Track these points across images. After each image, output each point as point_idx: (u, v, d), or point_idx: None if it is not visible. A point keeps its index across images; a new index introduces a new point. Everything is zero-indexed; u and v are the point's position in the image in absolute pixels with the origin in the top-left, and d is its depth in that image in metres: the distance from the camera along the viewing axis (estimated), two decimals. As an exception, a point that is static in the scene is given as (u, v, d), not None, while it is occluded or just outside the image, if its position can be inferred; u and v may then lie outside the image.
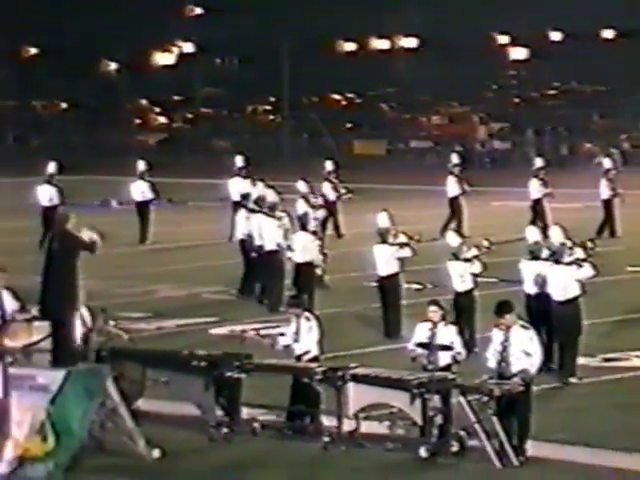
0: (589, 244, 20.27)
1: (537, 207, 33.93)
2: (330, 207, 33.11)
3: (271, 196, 27.96)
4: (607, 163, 35.45)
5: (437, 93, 73.02)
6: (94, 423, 16.36)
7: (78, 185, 44.31)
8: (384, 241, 22.94)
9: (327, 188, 34.60)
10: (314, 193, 30.89)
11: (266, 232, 25.47)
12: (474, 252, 21.31)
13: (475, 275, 21.14)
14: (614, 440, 16.37)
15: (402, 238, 22.88)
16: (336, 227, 34.60)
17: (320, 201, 30.21)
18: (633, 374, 20.15)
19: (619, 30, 72.11)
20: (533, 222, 31.94)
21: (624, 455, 15.92)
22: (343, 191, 34.74)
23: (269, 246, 25.30)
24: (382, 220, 23.58)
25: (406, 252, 22.67)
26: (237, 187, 32.64)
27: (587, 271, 19.63)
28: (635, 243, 30.59)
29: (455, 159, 36.49)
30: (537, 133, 59.39)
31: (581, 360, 20.15)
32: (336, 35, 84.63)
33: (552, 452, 16.09)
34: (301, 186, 30.69)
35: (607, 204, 33.79)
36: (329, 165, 35.64)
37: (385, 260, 22.73)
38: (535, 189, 34.23)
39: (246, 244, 26.34)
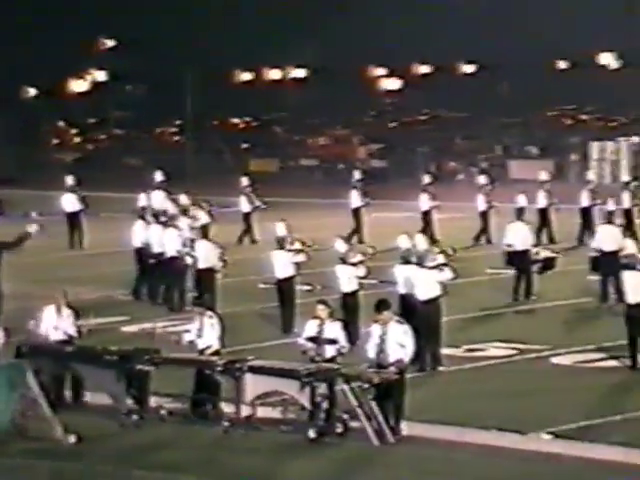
0: (449, 251, 20.57)
1: (426, 218, 34.08)
2: (246, 217, 33.29)
3: (171, 208, 28.11)
4: (482, 179, 35.67)
5: (323, 118, 73.42)
6: (16, 412, 16.31)
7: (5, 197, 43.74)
8: (281, 247, 23.10)
9: (243, 201, 34.61)
10: (198, 205, 30.90)
11: (167, 240, 25.45)
12: (359, 257, 21.51)
13: (360, 278, 21.37)
14: (477, 420, 16.60)
15: (297, 245, 23.06)
16: (248, 234, 34.56)
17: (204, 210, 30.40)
18: (491, 362, 20.41)
19: (479, 63, 73.37)
20: (423, 231, 32.14)
21: (486, 433, 16.14)
22: (258, 203, 34.73)
23: (170, 253, 25.28)
24: (280, 229, 23.78)
25: (301, 257, 22.84)
26: (158, 199, 32.66)
27: (447, 274, 19.90)
28: (495, 248, 30.79)
29: (357, 175, 36.45)
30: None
31: (447, 351, 20.40)
32: (236, 65, 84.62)
33: (424, 431, 16.27)
34: (183, 199, 30.69)
35: (483, 215, 34.04)
36: (245, 180, 35.59)
37: (282, 265, 22.83)
38: (424, 202, 34.35)
39: (143, 252, 26.19)
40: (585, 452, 15.39)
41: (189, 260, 24.71)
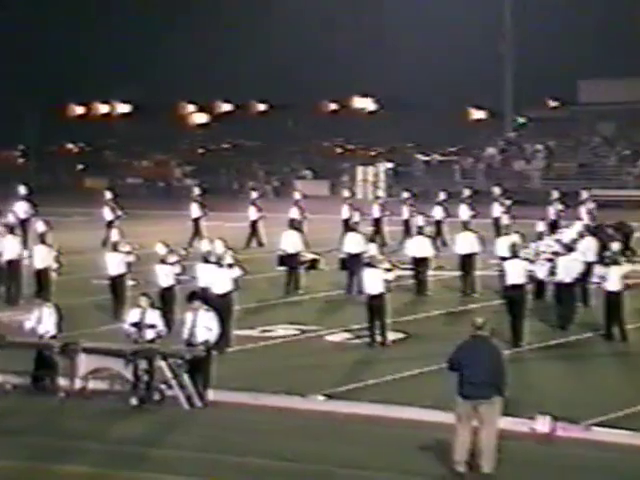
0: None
1: (254, 225, 33.41)
2: (109, 225, 31.93)
3: (11, 219, 27.48)
4: (254, 194, 35.47)
5: (146, 145, 72.80)
6: None
7: None
8: (115, 250, 22.71)
9: (106, 210, 33.55)
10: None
11: (7, 246, 24.71)
12: (175, 258, 21.30)
13: (177, 274, 21.04)
14: (269, 386, 16.58)
15: (127, 247, 22.74)
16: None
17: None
18: (280, 340, 20.51)
19: (270, 103, 74.03)
20: (250, 239, 32.34)
21: (275, 397, 16.15)
22: (119, 213, 33.74)
23: (10, 257, 24.51)
24: (114, 235, 23.47)
25: (131, 258, 22.45)
26: (22, 209, 31.86)
27: (236, 272, 19.78)
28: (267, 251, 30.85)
29: (197, 191, 35.74)
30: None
31: (245, 332, 20.44)
32: (71, 100, 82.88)
33: (226, 397, 16.20)
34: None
35: (254, 223, 33.54)
36: (108, 194, 34.51)
37: (116, 264, 22.39)
38: (252, 213, 33.71)
39: None
40: (351, 409, 15.59)
41: (27, 262, 24.16)
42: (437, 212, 32.20)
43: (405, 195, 34.10)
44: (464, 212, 31.41)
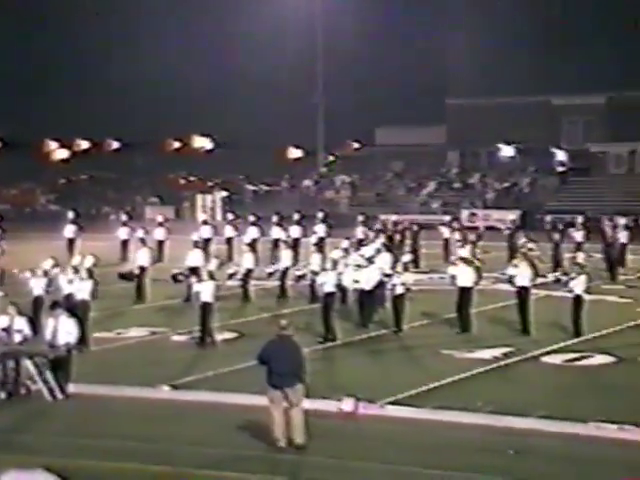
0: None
1: (125, 244, 31.71)
2: None
3: None
4: (123, 216, 34.68)
5: (13, 175, 69.60)
6: None
7: None
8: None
9: None
10: None
11: None
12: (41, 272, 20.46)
13: (47, 285, 19.94)
14: (127, 380, 16.26)
15: None
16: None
17: None
18: (133, 341, 19.99)
19: (122, 141, 72.65)
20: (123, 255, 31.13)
21: (130, 388, 15.85)
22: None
23: None
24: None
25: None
26: None
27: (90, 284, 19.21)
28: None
29: (71, 214, 34.30)
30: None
31: (103, 334, 19.95)
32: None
33: (85, 390, 15.70)
34: None
35: (125, 243, 32.13)
36: None
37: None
38: (122, 232, 32.30)
39: None
40: (192, 397, 15.41)
41: None
42: (294, 231, 31.58)
43: (230, 217, 34.24)
44: (294, 231, 31.65)
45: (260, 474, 11.99)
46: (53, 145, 74.91)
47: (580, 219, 32.58)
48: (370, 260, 22.34)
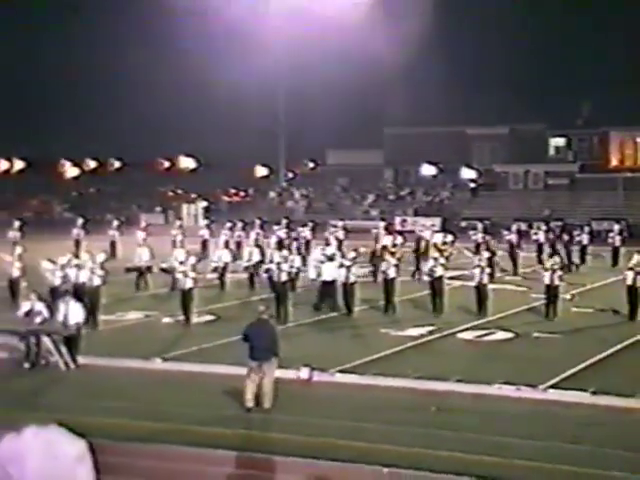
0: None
1: (114, 244, 31.35)
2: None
3: None
4: (115, 222, 34.00)
5: (34, 190, 67.45)
6: None
7: None
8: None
9: (11, 234, 31.13)
10: None
11: None
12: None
13: (62, 276, 19.80)
14: (127, 353, 16.16)
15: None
16: None
17: None
18: (131, 322, 19.86)
19: (123, 161, 71.67)
20: (112, 252, 30.10)
21: (130, 360, 15.64)
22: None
23: None
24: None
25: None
26: None
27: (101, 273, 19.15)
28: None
29: (80, 220, 33.60)
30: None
31: (108, 316, 19.67)
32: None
33: (93, 361, 15.50)
34: None
35: (113, 244, 31.69)
36: (16, 223, 32.39)
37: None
38: (113, 234, 32.20)
39: None
40: (181, 367, 15.29)
41: None
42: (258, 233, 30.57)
43: (206, 222, 34.27)
44: (258, 234, 31.30)
45: (235, 429, 12.01)
46: (67, 164, 74.14)
47: (480, 226, 31.85)
48: (330, 258, 22.34)
